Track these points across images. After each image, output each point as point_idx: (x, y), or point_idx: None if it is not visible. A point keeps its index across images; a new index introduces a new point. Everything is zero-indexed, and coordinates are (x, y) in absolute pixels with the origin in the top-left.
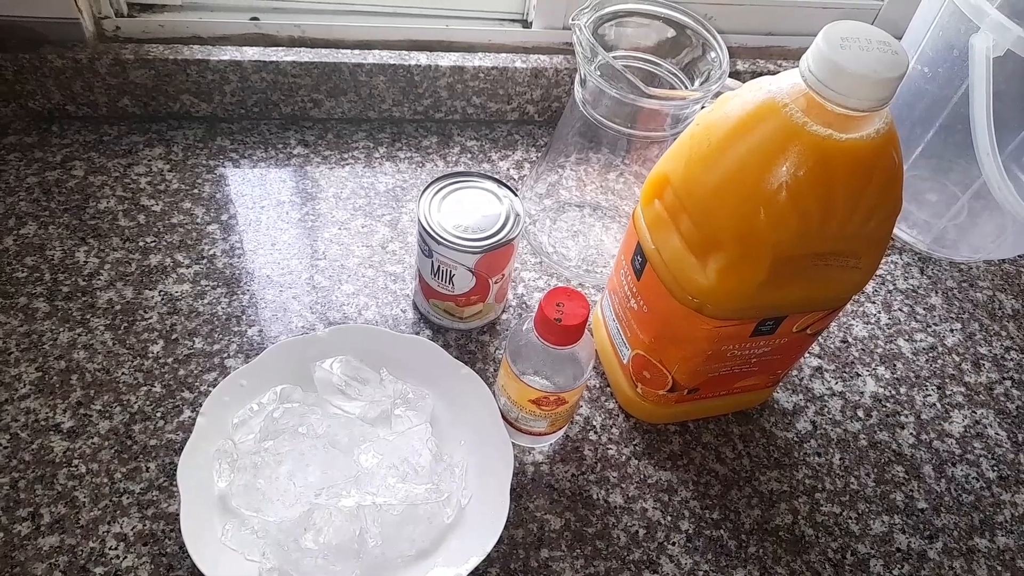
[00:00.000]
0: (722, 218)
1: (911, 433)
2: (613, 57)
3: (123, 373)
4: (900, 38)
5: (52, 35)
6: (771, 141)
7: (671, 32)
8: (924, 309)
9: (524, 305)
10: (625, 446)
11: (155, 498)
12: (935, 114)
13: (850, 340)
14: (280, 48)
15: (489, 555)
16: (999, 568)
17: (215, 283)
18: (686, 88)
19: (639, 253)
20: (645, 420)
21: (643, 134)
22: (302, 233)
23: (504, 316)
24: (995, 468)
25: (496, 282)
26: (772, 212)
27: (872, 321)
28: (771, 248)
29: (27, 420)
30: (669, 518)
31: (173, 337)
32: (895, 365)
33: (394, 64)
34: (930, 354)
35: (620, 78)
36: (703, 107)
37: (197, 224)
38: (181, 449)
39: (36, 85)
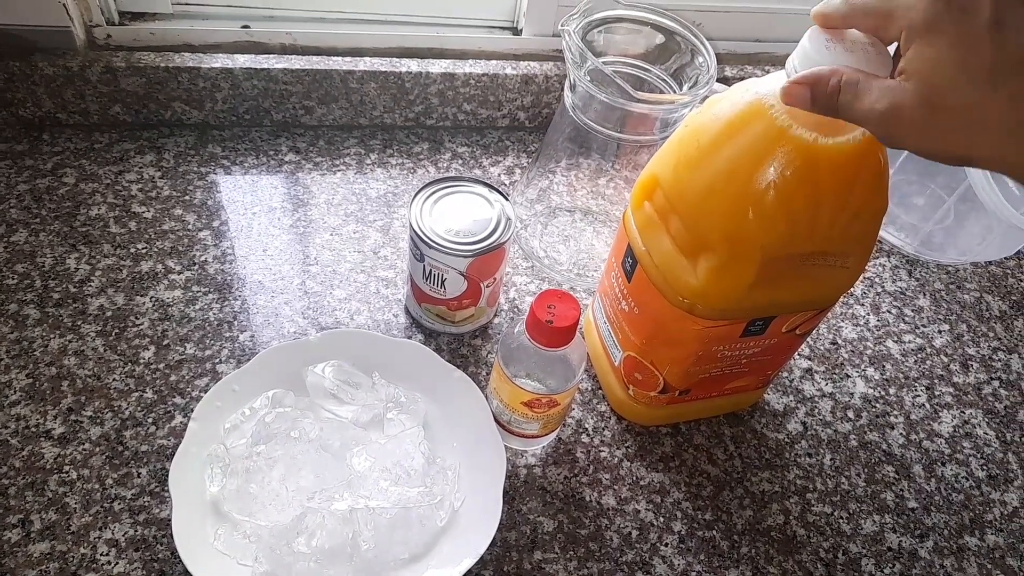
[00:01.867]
0: (711, 219)
1: (901, 433)
2: (602, 63)
3: (114, 379)
4: None
5: (43, 43)
6: (759, 143)
7: (660, 38)
8: (912, 311)
9: (516, 309)
10: (617, 448)
11: (147, 504)
12: None
13: (839, 342)
14: (271, 55)
15: (482, 557)
16: (989, 566)
17: (206, 289)
18: (675, 93)
19: (629, 255)
20: (637, 422)
21: (632, 138)
22: (294, 239)
23: (496, 320)
24: (984, 467)
25: (488, 286)
26: (760, 213)
27: (861, 323)
28: (760, 248)
29: (17, 427)
30: (662, 519)
31: (164, 343)
32: (884, 366)
33: (385, 71)
34: (919, 355)
35: (609, 83)
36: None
37: (188, 230)
38: (173, 454)
39: (27, 93)
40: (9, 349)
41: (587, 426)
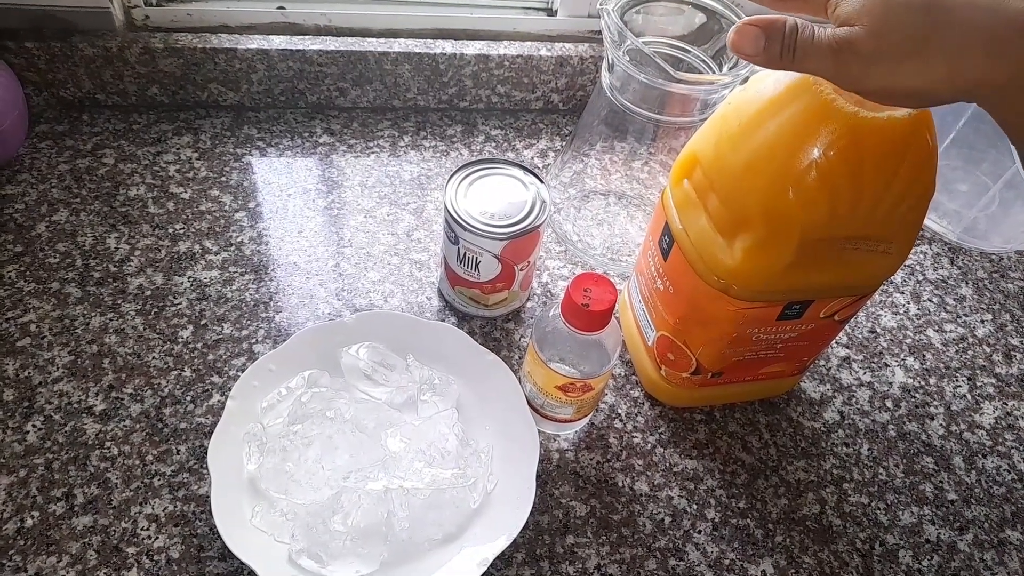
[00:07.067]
0: (750, 197)
1: (941, 424)
2: (642, 43)
3: (154, 357)
4: None
5: (83, 24)
6: (802, 119)
7: (700, 18)
8: (954, 300)
9: (548, 294)
10: (651, 434)
11: (186, 480)
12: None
13: (879, 330)
14: (307, 36)
15: (515, 540)
16: None
17: (243, 270)
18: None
19: (666, 233)
20: (669, 403)
21: (671, 120)
22: (328, 221)
23: (529, 304)
24: None
25: (521, 269)
26: (801, 192)
27: (901, 311)
28: (799, 229)
29: (60, 403)
30: (695, 506)
31: (202, 323)
32: (924, 356)
33: (419, 53)
34: (960, 345)
35: (649, 63)
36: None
37: (225, 211)
38: (211, 432)
39: (67, 74)
40: (52, 326)
41: (620, 411)
